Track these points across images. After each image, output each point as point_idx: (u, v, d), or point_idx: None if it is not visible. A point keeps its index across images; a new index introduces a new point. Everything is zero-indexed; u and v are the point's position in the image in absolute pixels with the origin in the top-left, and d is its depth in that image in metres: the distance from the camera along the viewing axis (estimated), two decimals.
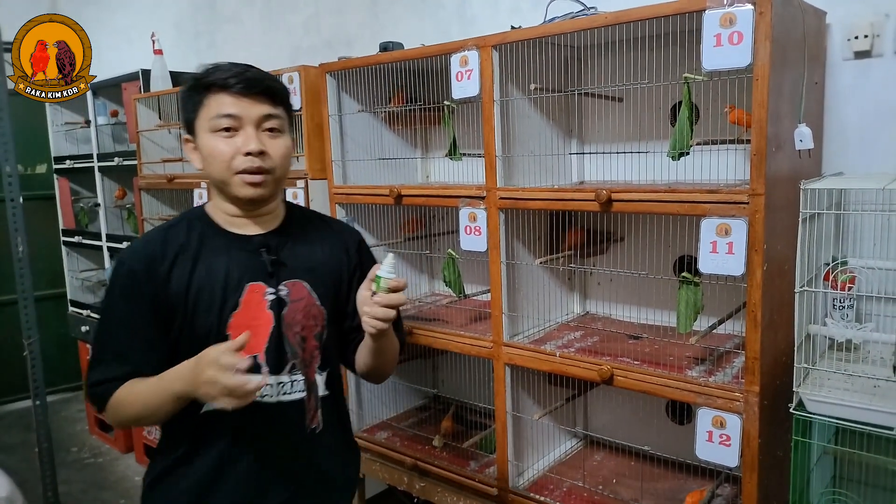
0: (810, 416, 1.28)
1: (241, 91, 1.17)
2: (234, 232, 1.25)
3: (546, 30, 1.59)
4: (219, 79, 1.17)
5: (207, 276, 1.20)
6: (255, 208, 1.25)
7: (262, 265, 1.24)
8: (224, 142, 1.17)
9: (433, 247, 2.36)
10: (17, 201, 2.47)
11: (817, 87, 1.57)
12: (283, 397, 1.24)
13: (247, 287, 1.21)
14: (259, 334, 1.21)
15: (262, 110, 1.19)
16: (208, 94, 1.18)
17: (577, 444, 2.06)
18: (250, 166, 1.18)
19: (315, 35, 2.83)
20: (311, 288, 1.27)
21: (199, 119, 1.20)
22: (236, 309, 1.20)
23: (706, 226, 1.35)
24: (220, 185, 1.21)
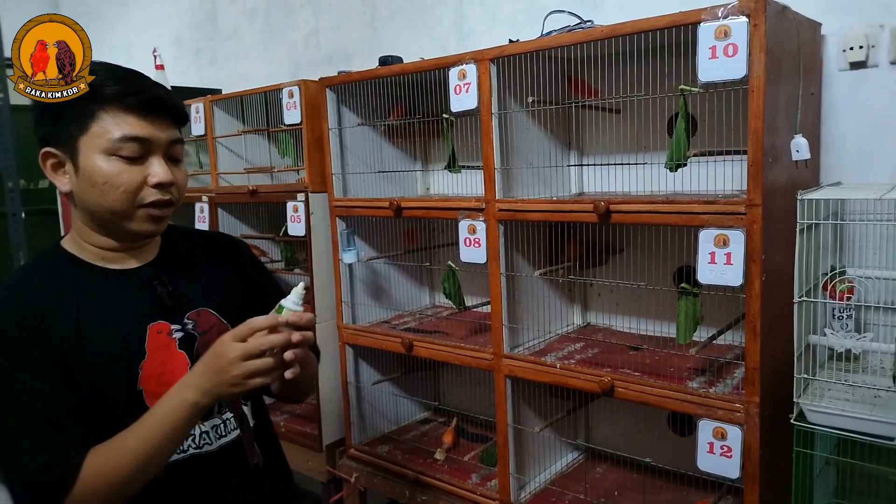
0: (811, 427, 1.27)
1: (147, 111, 1.01)
2: (111, 268, 1.06)
3: (543, 43, 1.60)
4: (118, 91, 1.00)
5: (99, 326, 1.01)
6: (142, 241, 1.09)
7: (157, 301, 1.07)
8: (128, 169, 1.00)
9: (433, 259, 2.37)
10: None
11: (813, 98, 1.57)
12: (221, 441, 1.11)
13: (148, 329, 1.04)
14: (176, 380, 1.01)
15: (170, 135, 1.04)
16: (105, 107, 1.00)
17: (579, 456, 2.05)
18: (161, 199, 1.02)
19: (315, 50, 2.85)
20: (217, 314, 1.13)
21: (86, 136, 0.99)
22: (143, 358, 1.03)
23: (704, 237, 1.35)
24: (109, 216, 1.02)
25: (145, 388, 1.03)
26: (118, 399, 1.01)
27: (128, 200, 1.01)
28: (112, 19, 4.09)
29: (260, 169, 2.57)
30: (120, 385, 1.01)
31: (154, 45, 3.25)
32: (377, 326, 2.18)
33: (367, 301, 2.25)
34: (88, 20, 4.32)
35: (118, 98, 1.00)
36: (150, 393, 1.03)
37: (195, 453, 1.08)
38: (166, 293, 1.09)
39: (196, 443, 1.08)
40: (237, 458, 1.14)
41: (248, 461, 1.16)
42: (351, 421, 2.24)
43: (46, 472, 0.93)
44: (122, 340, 1.02)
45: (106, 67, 1.04)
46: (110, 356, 1.01)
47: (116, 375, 1.01)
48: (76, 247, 1.07)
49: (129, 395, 1.01)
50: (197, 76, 3.44)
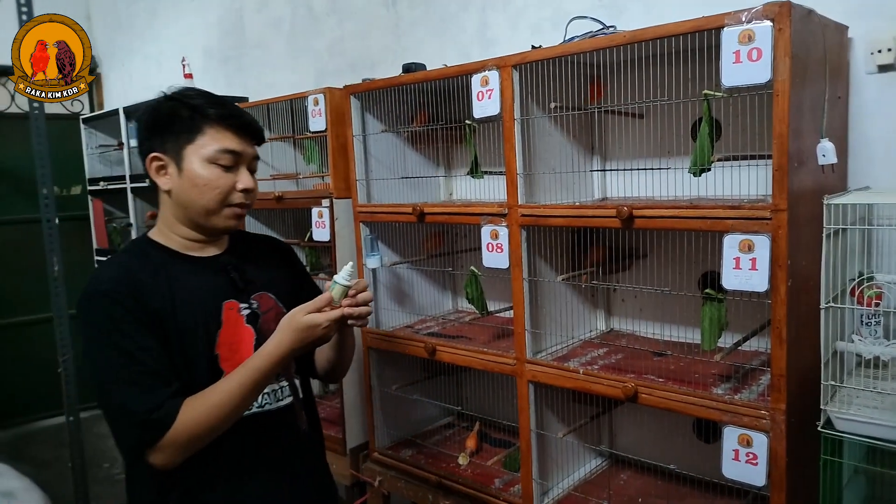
0: (839, 435, 1.26)
1: (242, 130, 1.26)
2: (194, 255, 1.30)
3: (565, 49, 1.61)
4: (224, 114, 1.24)
5: (186, 299, 1.23)
6: (219, 235, 1.34)
7: (231, 283, 1.30)
8: (223, 175, 1.24)
9: (456, 264, 2.38)
10: (52, 222, 2.55)
11: (840, 102, 1.56)
12: (278, 403, 1.34)
13: (223, 305, 1.27)
14: (244, 349, 1.27)
15: (253, 152, 1.30)
16: (210, 124, 1.23)
17: (603, 462, 2.04)
18: (243, 201, 1.27)
19: (339, 58, 2.89)
20: (276, 298, 1.36)
21: (192, 144, 1.22)
22: (220, 327, 1.25)
23: (729, 242, 1.35)
24: (202, 212, 1.25)
25: (220, 353, 1.25)
26: (199, 360, 1.22)
27: (219, 200, 1.25)
28: (142, 30, 4.19)
29: (286, 175, 2.61)
30: (201, 349, 1.23)
31: (183, 54, 3.33)
32: (400, 331, 2.19)
33: (391, 306, 2.27)
34: (119, 31, 4.43)
35: (221, 119, 1.24)
36: (224, 358, 1.25)
37: (258, 411, 1.29)
38: (237, 277, 1.31)
39: (259, 402, 1.29)
40: (290, 421, 1.36)
41: (299, 426, 1.37)
42: (374, 425, 2.25)
43: (152, 413, 1.12)
44: (204, 313, 1.25)
45: (205, 94, 1.28)
46: (195, 325, 1.23)
47: (199, 341, 1.23)
48: (163, 237, 1.30)
49: (207, 358, 1.23)
50: (224, 84, 3.51)
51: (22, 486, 2.59)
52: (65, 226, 2.79)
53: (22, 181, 4.01)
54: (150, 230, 1.32)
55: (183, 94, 1.26)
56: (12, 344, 4.19)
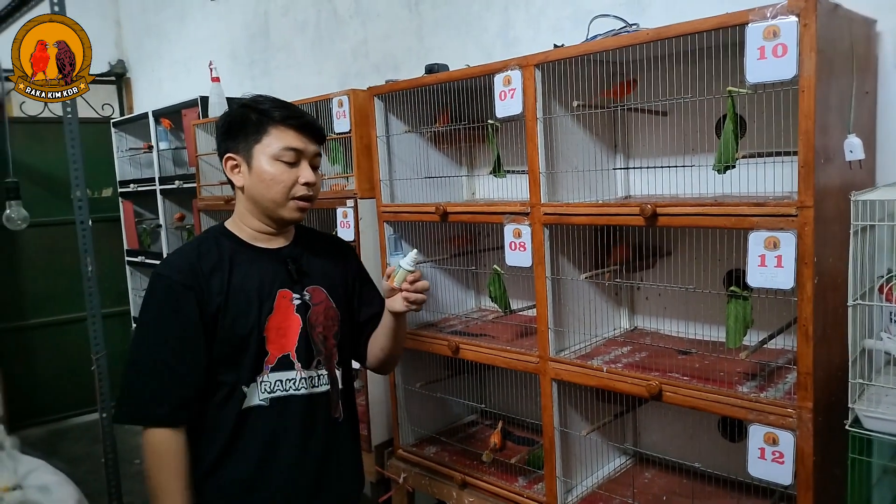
0: (867, 434, 1.24)
1: (303, 129, 1.37)
2: (259, 246, 1.42)
3: (588, 48, 1.61)
4: (286, 115, 1.35)
5: (243, 284, 1.36)
6: (286, 227, 1.44)
7: (287, 274, 1.41)
8: (287, 170, 1.35)
9: (479, 262, 2.39)
10: (86, 224, 2.62)
11: (868, 97, 1.53)
12: (313, 389, 1.42)
13: (277, 293, 1.38)
14: (290, 335, 1.39)
15: (315, 149, 1.40)
16: (274, 125, 1.35)
17: (627, 460, 2.04)
18: (306, 194, 1.38)
19: (363, 60, 2.92)
20: (328, 292, 1.46)
21: (259, 144, 1.35)
22: (271, 312, 1.37)
23: (754, 239, 1.34)
24: (270, 205, 1.37)
25: (268, 336, 1.36)
26: (249, 339, 1.34)
27: (284, 193, 1.36)
28: (171, 35, 4.27)
29: None
30: (252, 329, 1.35)
31: (210, 58, 3.39)
32: (424, 329, 2.21)
33: None
34: (148, 36, 4.52)
35: (283, 120, 1.35)
36: (270, 340, 1.37)
37: (294, 393, 1.39)
38: (294, 269, 1.42)
39: (295, 385, 1.39)
40: (324, 408, 1.43)
41: (332, 414, 1.45)
42: (399, 422, 2.28)
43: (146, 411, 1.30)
44: (259, 297, 1.36)
45: (272, 100, 1.39)
46: (248, 307, 1.35)
47: (251, 321, 1.35)
48: (236, 227, 1.43)
49: (256, 338, 1.35)
50: (251, 87, 3.56)
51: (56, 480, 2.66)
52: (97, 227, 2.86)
53: (56, 184, 4.12)
54: (228, 220, 1.46)
55: (253, 100, 1.39)
56: (47, 342, 4.30)
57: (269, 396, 1.37)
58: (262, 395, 1.36)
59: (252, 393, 1.36)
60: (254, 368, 1.35)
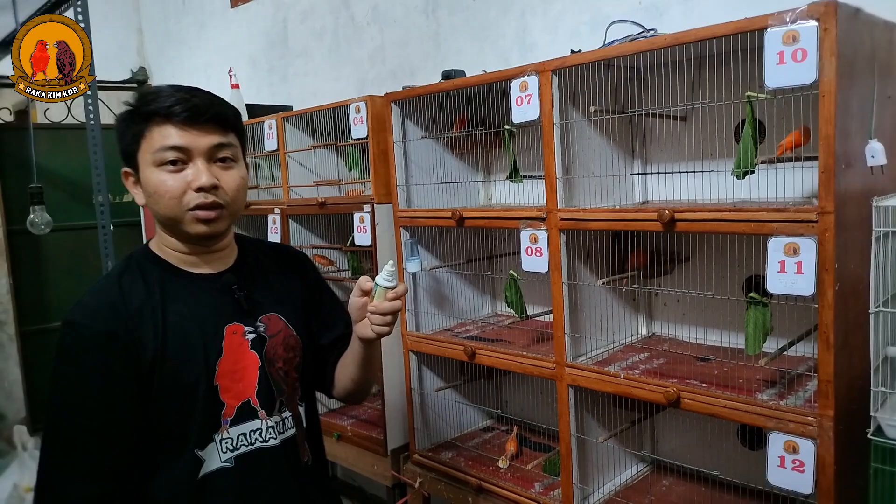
0: (890, 443, 1.22)
1: (187, 120, 1.07)
2: (194, 272, 1.16)
3: (605, 53, 1.61)
4: (161, 107, 1.07)
5: (182, 323, 1.10)
6: (209, 245, 1.17)
7: (234, 304, 1.16)
8: (171, 177, 1.07)
9: (495, 268, 2.39)
10: (107, 228, 2.66)
11: (891, 102, 1.51)
12: (283, 436, 1.20)
13: (225, 330, 1.14)
14: (247, 377, 1.15)
15: (211, 140, 1.09)
16: (150, 125, 1.08)
17: (645, 468, 2.02)
18: (203, 202, 1.09)
19: (381, 66, 2.94)
20: (285, 319, 1.23)
21: (140, 152, 1.09)
22: (221, 355, 1.12)
23: (773, 245, 1.33)
24: (170, 223, 1.11)
25: (220, 384, 1.12)
26: (196, 392, 1.09)
27: (175, 206, 1.08)
28: (191, 42, 4.33)
29: (328, 182, 2.67)
30: (199, 379, 1.10)
31: (230, 65, 3.43)
32: (440, 334, 2.22)
33: (431, 309, 2.29)
34: (169, 43, 4.59)
35: (160, 113, 1.07)
36: (224, 389, 1.13)
37: (262, 446, 1.17)
38: (243, 298, 1.18)
39: (262, 437, 1.17)
40: (293, 455, 1.23)
41: (301, 459, 1.24)
42: (415, 427, 2.28)
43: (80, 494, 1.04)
44: (203, 338, 1.11)
45: (157, 90, 1.10)
46: (192, 353, 1.10)
47: (197, 371, 1.10)
48: (161, 249, 1.17)
49: (206, 390, 1.10)
50: (269, 94, 3.60)
51: None
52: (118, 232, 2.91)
53: (79, 189, 4.19)
54: (151, 239, 1.20)
55: (137, 94, 1.12)
56: None
57: (233, 455, 1.13)
58: (225, 456, 1.12)
59: (210, 455, 1.11)
60: (208, 426, 1.10)
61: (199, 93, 1.11)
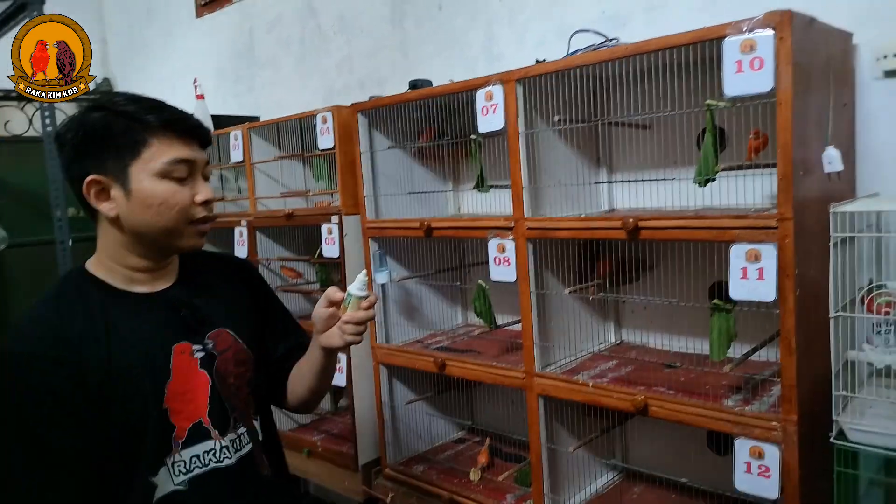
0: (852, 446, 1.24)
1: (189, 134, 1.09)
2: (138, 292, 1.13)
3: (568, 62, 1.62)
4: (167, 119, 1.07)
5: (126, 348, 1.06)
6: (168, 260, 1.17)
7: (180, 322, 1.14)
8: (179, 190, 1.08)
9: (465, 278, 2.38)
10: (66, 244, 2.59)
11: (847, 109, 1.55)
12: (239, 453, 1.17)
13: (173, 350, 1.11)
14: (198, 398, 1.12)
15: (204, 157, 1.13)
16: (154, 134, 1.06)
17: (616, 476, 2.02)
18: (208, 215, 1.12)
19: (348, 76, 2.92)
20: (234, 333, 1.21)
21: (138, 160, 1.05)
22: (168, 378, 1.09)
23: (735, 252, 1.34)
24: (161, 236, 1.09)
25: (170, 407, 1.09)
26: (146, 417, 1.06)
27: (181, 219, 1.09)
28: (156, 52, 4.27)
29: (295, 193, 2.63)
30: (147, 404, 1.07)
31: (196, 75, 3.38)
32: (410, 345, 2.19)
33: (401, 320, 2.27)
34: (134, 53, 4.52)
35: (165, 125, 1.07)
36: (175, 411, 1.09)
37: (216, 466, 1.13)
38: (189, 315, 1.15)
39: (217, 457, 1.14)
40: (251, 469, 1.20)
41: (260, 473, 1.21)
42: (386, 440, 2.25)
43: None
44: (150, 362, 1.08)
45: (136, 98, 1.09)
46: (138, 377, 1.06)
47: (144, 395, 1.06)
48: (104, 270, 1.12)
49: (156, 414, 1.07)
50: (236, 104, 3.56)
51: None
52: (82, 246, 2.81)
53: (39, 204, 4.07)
54: (89, 260, 1.15)
55: (110, 101, 1.08)
56: None
57: (186, 478, 1.10)
58: (178, 479, 1.09)
59: (164, 479, 1.08)
60: (159, 450, 1.07)
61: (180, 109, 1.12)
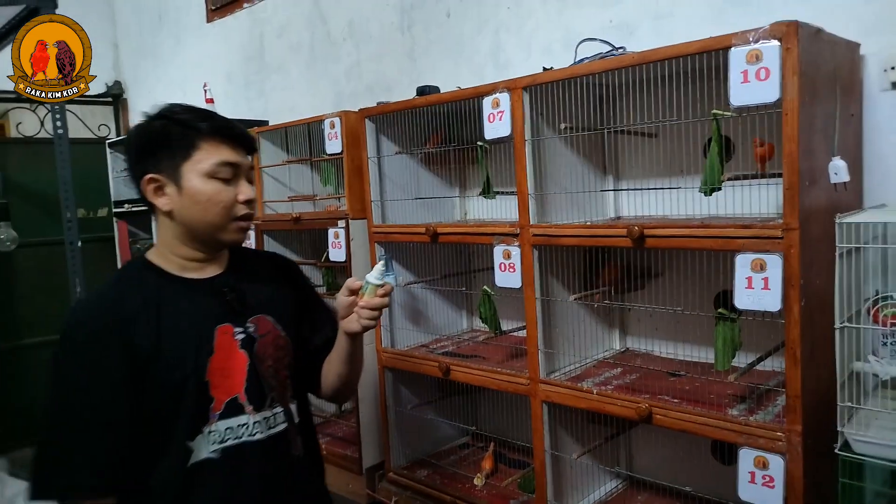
0: (857, 458, 1.23)
1: (236, 141, 1.22)
2: (190, 277, 1.25)
3: (574, 71, 1.62)
4: (216, 126, 1.20)
5: (175, 325, 1.19)
6: (220, 252, 1.29)
7: (226, 306, 1.25)
8: (224, 188, 1.20)
9: (471, 283, 2.39)
10: (75, 245, 2.61)
11: (854, 120, 1.54)
12: (270, 431, 1.26)
13: (216, 330, 1.22)
14: (236, 375, 1.23)
15: (248, 162, 1.26)
16: (204, 138, 1.19)
17: (619, 484, 2.02)
18: (248, 213, 1.24)
19: (357, 81, 2.94)
20: (274, 321, 1.31)
21: (189, 161, 1.19)
22: (212, 353, 1.20)
23: (741, 261, 1.34)
24: (207, 229, 1.21)
25: (210, 381, 1.20)
26: (188, 389, 1.17)
27: (225, 215, 1.21)
28: (167, 57, 4.30)
29: (303, 197, 2.65)
30: (190, 376, 1.18)
31: (206, 80, 3.41)
32: (415, 350, 2.20)
33: (406, 325, 2.28)
34: (144, 58, 4.55)
35: (214, 132, 1.20)
36: (214, 385, 1.20)
37: (248, 440, 1.23)
38: (233, 299, 1.27)
39: (249, 431, 1.24)
40: (282, 448, 1.29)
41: (292, 452, 1.30)
42: (390, 444, 2.25)
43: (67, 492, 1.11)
44: (195, 338, 1.20)
45: (191, 108, 1.23)
46: (183, 352, 1.18)
47: (188, 368, 1.18)
48: (161, 259, 1.26)
49: (197, 385, 1.18)
50: (246, 108, 3.58)
51: None
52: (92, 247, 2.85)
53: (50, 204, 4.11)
54: (148, 250, 1.29)
55: (170, 110, 1.22)
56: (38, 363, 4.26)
57: (220, 447, 1.20)
58: (212, 448, 1.20)
59: (199, 446, 1.19)
60: (198, 419, 1.19)
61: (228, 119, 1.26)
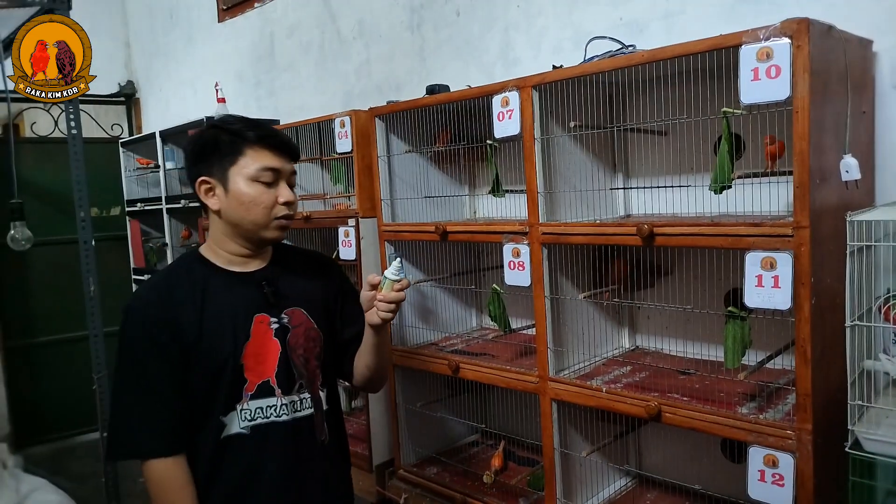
0: (867, 456, 1.23)
1: (279, 148, 1.36)
2: (234, 270, 1.40)
3: (584, 69, 1.62)
4: (261, 135, 1.34)
5: (217, 312, 1.34)
6: (264, 248, 1.43)
7: (264, 297, 1.39)
8: (266, 191, 1.34)
9: (481, 282, 2.39)
10: (89, 243, 2.64)
11: (865, 117, 1.54)
12: (296, 414, 1.39)
13: (253, 319, 1.36)
14: (268, 360, 1.36)
15: (291, 167, 1.39)
16: (249, 145, 1.33)
17: (629, 482, 2.02)
18: (287, 213, 1.37)
19: (366, 80, 2.95)
20: (307, 314, 1.43)
21: (235, 165, 1.33)
22: (248, 339, 1.35)
23: (751, 259, 1.34)
24: (251, 227, 1.35)
25: (245, 364, 1.34)
26: (225, 369, 1.32)
27: (266, 215, 1.34)
28: (179, 56, 4.33)
29: (313, 196, 2.66)
30: (228, 358, 1.33)
31: (217, 79, 3.44)
32: (425, 348, 2.21)
33: (416, 323, 2.29)
34: (156, 58, 4.59)
35: (259, 140, 1.34)
36: (248, 368, 1.34)
37: (275, 420, 1.36)
38: (271, 293, 1.40)
39: (276, 413, 1.36)
40: (307, 432, 1.41)
41: (317, 437, 1.42)
42: (400, 442, 2.26)
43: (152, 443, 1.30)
44: (234, 325, 1.35)
45: (243, 119, 1.39)
46: (223, 336, 1.33)
47: (226, 351, 1.33)
48: (211, 253, 1.41)
49: (233, 367, 1.33)
50: (256, 108, 3.60)
51: (58, 500, 2.66)
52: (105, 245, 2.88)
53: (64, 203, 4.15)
54: (203, 245, 1.44)
55: (223, 120, 1.38)
56: (52, 360, 4.31)
57: (250, 424, 1.35)
58: (243, 424, 1.34)
59: (231, 421, 1.34)
60: (232, 397, 1.34)
61: (274, 128, 1.42)
